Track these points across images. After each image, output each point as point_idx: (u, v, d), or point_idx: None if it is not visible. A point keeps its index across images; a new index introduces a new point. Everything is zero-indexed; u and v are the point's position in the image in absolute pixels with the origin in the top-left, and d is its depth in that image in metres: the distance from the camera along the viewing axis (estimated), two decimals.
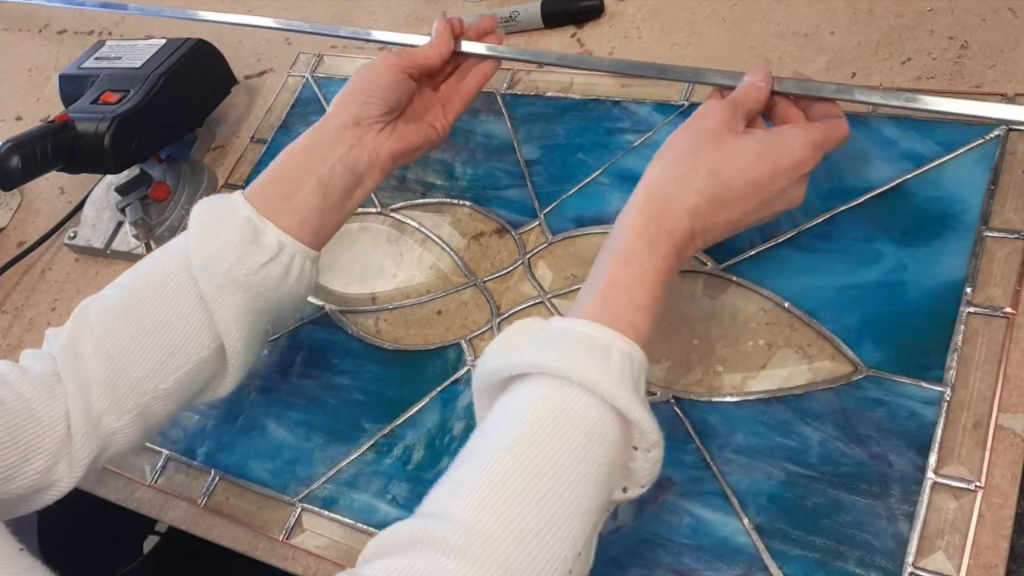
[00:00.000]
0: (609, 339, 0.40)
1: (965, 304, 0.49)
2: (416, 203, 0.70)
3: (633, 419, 0.39)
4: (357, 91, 0.57)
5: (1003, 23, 0.58)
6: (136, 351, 0.52)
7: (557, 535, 0.36)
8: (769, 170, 0.45)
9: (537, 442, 0.38)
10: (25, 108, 1.01)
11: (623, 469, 0.41)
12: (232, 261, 0.52)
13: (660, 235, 0.44)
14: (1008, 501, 0.44)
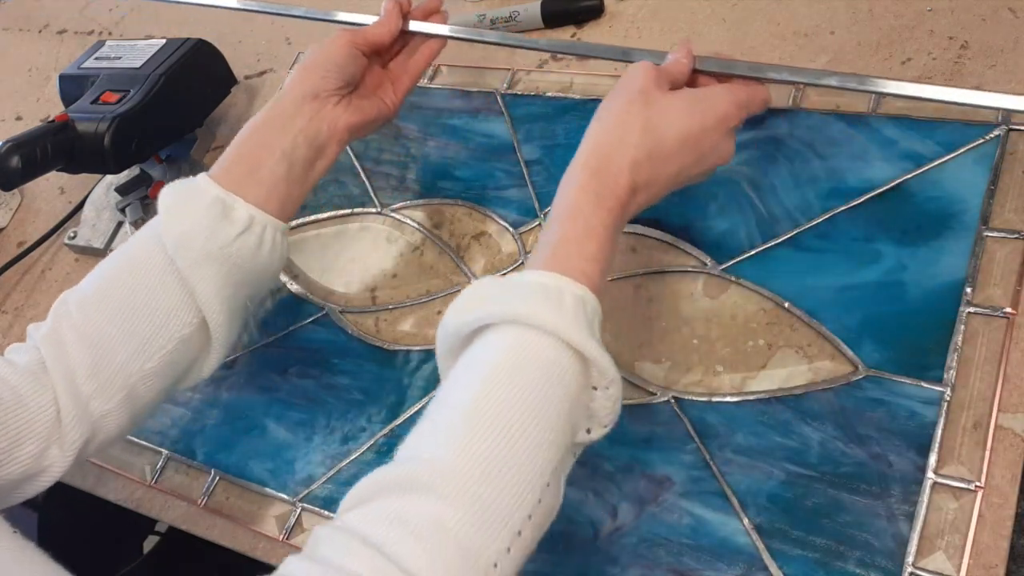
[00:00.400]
0: (561, 285, 0.42)
1: (965, 304, 0.49)
2: (416, 203, 0.70)
3: (589, 356, 0.41)
4: (313, 66, 0.58)
5: (1003, 23, 0.58)
6: (118, 334, 0.53)
7: (523, 467, 0.38)
8: (699, 124, 0.47)
9: (499, 383, 0.40)
10: (25, 108, 1.01)
11: (585, 410, 0.42)
12: (206, 236, 0.53)
13: (603, 190, 0.46)
14: (1008, 501, 0.44)
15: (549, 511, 0.40)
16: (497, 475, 0.38)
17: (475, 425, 0.39)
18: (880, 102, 0.57)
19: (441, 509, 0.37)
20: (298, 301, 0.70)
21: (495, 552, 0.37)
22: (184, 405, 0.69)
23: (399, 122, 0.74)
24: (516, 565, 0.38)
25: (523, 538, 0.38)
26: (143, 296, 0.53)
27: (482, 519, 0.37)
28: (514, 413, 0.39)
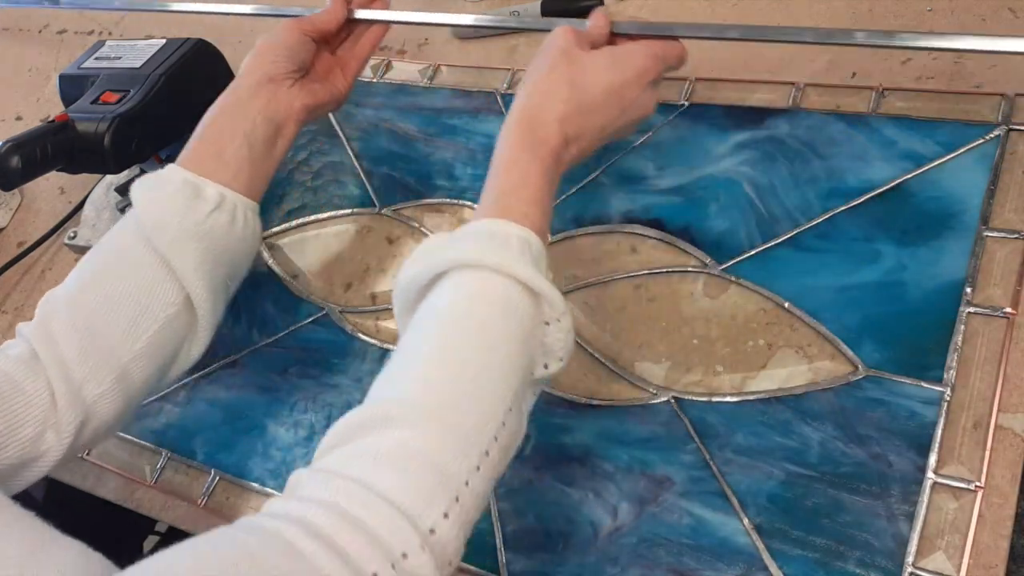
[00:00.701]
0: (506, 229, 0.45)
1: (965, 304, 0.49)
2: (416, 203, 0.70)
3: (537, 289, 0.43)
4: (266, 52, 0.61)
5: (1003, 23, 0.58)
6: (105, 318, 0.54)
7: (485, 392, 0.41)
8: (620, 78, 0.50)
9: (456, 321, 0.43)
10: (25, 108, 1.01)
11: (540, 345, 0.45)
12: (181, 215, 0.55)
13: (537, 143, 0.48)
14: (1008, 501, 0.44)
15: (513, 436, 0.43)
16: (461, 401, 0.40)
17: (437, 360, 0.42)
18: (880, 102, 0.57)
19: (411, 436, 0.39)
20: (298, 301, 0.70)
21: (466, 470, 0.39)
22: (184, 405, 0.69)
23: (399, 122, 0.74)
24: (486, 485, 0.41)
25: (491, 458, 0.41)
26: (126, 280, 0.55)
27: (451, 440, 0.39)
28: (473, 346, 0.42)
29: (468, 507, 0.39)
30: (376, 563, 0.36)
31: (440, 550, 0.38)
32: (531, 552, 0.52)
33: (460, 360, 0.42)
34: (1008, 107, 0.54)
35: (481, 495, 0.40)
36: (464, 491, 0.39)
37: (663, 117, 0.64)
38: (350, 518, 0.36)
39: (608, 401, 0.55)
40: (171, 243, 0.54)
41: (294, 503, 0.38)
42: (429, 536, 0.37)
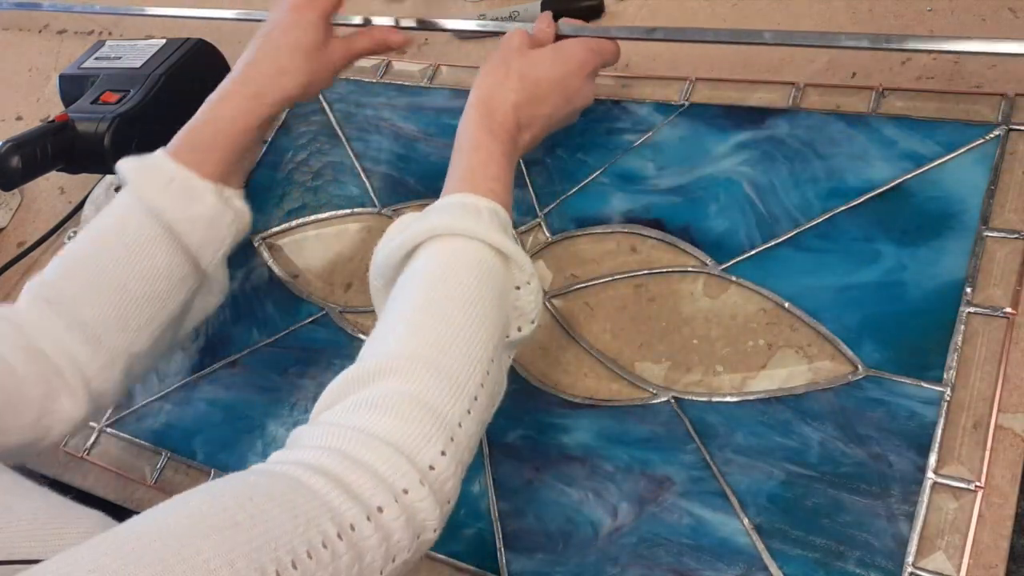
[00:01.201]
0: (476, 201, 0.49)
1: (965, 304, 0.49)
2: (416, 203, 0.70)
3: (508, 252, 0.47)
4: (289, 49, 0.62)
5: (1003, 23, 0.58)
6: (90, 268, 0.57)
7: (469, 343, 0.44)
8: (563, 70, 0.57)
9: (436, 282, 0.46)
10: (25, 108, 1.01)
11: (513, 309, 0.49)
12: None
13: (495, 127, 0.54)
14: (1008, 501, 0.44)
15: (497, 386, 0.46)
16: (448, 348, 0.43)
17: (421, 316, 0.45)
18: (880, 102, 0.57)
19: (404, 383, 0.42)
20: (298, 301, 0.70)
21: (458, 412, 0.42)
22: (184, 405, 0.69)
23: (399, 122, 0.74)
24: (476, 428, 0.44)
25: (479, 403, 0.44)
26: (111, 235, 0.58)
27: (443, 384, 0.42)
28: (454, 302, 0.45)
29: (462, 447, 0.42)
30: (380, 497, 0.38)
31: (439, 487, 0.40)
32: (531, 552, 0.52)
33: (443, 314, 0.45)
34: (1008, 107, 0.54)
35: (473, 437, 0.43)
36: (458, 432, 0.42)
37: (663, 117, 0.64)
38: (353, 458, 0.39)
39: (608, 401, 0.55)
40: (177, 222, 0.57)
41: (298, 451, 0.40)
42: (428, 472, 0.40)
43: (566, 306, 0.60)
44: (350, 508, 0.37)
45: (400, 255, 0.49)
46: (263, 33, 0.62)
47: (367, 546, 0.38)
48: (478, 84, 0.56)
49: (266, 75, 0.61)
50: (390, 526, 0.38)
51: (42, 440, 0.54)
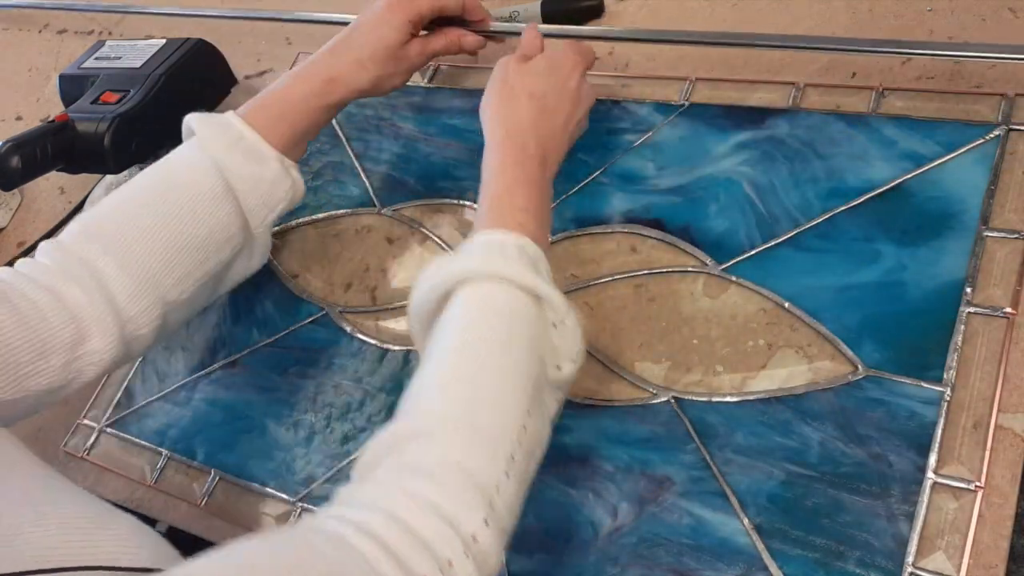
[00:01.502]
0: (502, 238, 0.48)
1: (965, 304, 0.49)
2: (416, 203, 0.70)
3: (540, 293, 0.46)
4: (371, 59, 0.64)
5: (1003, 23, 0.58)
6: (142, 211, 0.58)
7: (503, 397, 0.43)
8: (562, 75, 0.57)
9: (467, 333, 0.45)
10: (25, 108, 1.01)
11: (551, 347, 0.47)
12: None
13: (516, 152, 0.53)
14: (1008, 501, 0.44)
15: (536, 439, 0.44)
16: (480, 408, 0.42)
17: (453, 375, 0.44)
18: (880, 102, 0.57)
19: (443, 448, 0.41)
20: (298, 301, 0.70)
21: (495, 475, 0.41)
22: (184, 405, 0.69)
23: (399, 122, 0.74)
24: (516, 489, 0.42)
25: (517, 463, 0.42)
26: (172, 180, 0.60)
27: (477, 447, 0.41)
28: (484, 353, 0.44)
29: (503, 514, 0.41)
30: (426, 567, 0.38)
31: (483, 559, 0.39)
32: (531, 552, 0.52)
33: (473, 369, 0.44)
34: (1008, 107, 0.54)
35: (513, 499, 0.42)
36: (496, 497, 0.40)
37: (663, 117, 0.64)
38: (401, 523, 0.38)
39: (608, 401, 0.55)
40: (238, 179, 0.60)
41: (348, 508, 0.40)
42: (472, 544, 0.39)
43: None
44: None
45: (433, 300, 0.48)
46: (354, 24, 0.65)
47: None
48: (489, 117, 0.56)
49: (344, 65, 0.63)
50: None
51: (74, 382, 0.55)
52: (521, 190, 0.51)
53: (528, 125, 0.54)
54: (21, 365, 0.51)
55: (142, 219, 0.57)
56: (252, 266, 0.66)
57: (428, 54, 0.66)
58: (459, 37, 0.67)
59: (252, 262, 0.65)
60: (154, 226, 0.57)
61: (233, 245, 0.61)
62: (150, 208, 0.58)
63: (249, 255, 0.65)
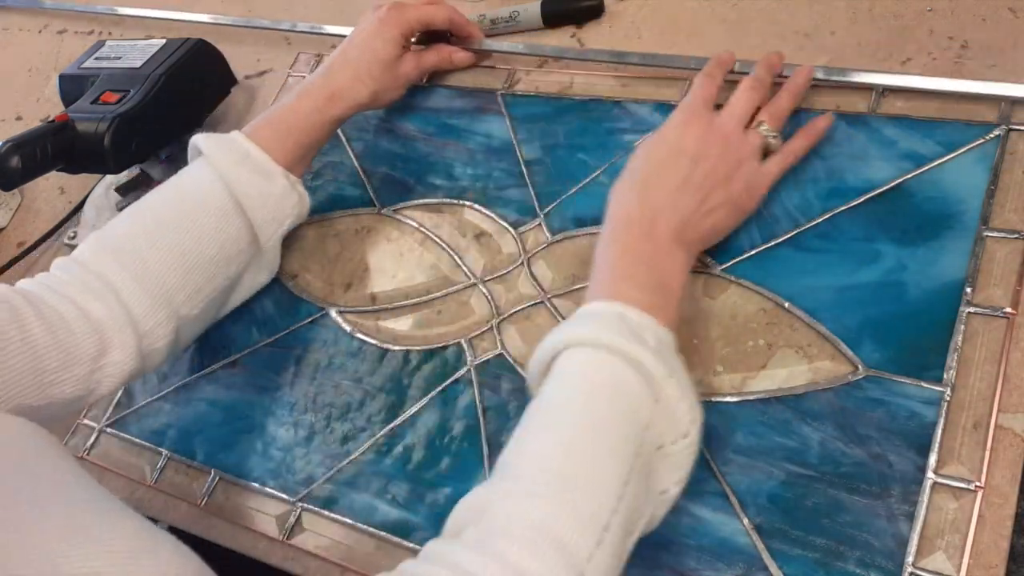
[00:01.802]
0: (600, 307, 0.47)
1: (965, 304, 0.49)
2: (416, 203, 0.70)
3: (631, 356, 0.44)
4: (368, 76, 0.67)
5: (1003, 23, 0.58)
6: (165, 246, 0.59)
7: (598, 467, 0.42)
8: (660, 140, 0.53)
9: (561, 399, 0.45)
10: (25, 108, 1.01)
11: (662, 422, 0.44)
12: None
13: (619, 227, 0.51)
14: (1008, 501, 0.44)
15: (635, 512, 0.43)
16: (576, 478, 0.41)
17: (548, 442, 0.43)
18: (880, 102, 0.57)
19: (536, 515, 0.40)
20: (298, 301, 0.70)
21: (588, 546, 0.40)
22: (184, 405, 0.69)
23: (399, 122, 0.74)
24: (610, 562, 0.41)
25: (611, 534, 0.41)
26: (183, 196, 0.62)
27: (571, 516, 0.40)
28: (579, 425, 0.43)
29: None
30: None
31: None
32: None
33: (568, 440, 0.43)
34: (1008, 107, 0.54)
35: (609, 570, 0.41)
36: (588, 568, 0.39)
37: (663, 117, 0.64)
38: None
39: None
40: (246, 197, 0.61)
41: (436, 568, 0.39)
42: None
43: (566, 306, 0.60)
44: None
45: (542, 366, 0.47)
46: (348, 39, 0.67)
47: None
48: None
49: (343, 80, 0.65)
50: None
51: (93, 393, 0.56)
52: (625, 260, 0.49)
53: (632, 197, 0.52)
54: (47, 372, 0.52)
55: (155, 236, 0.59)
56: (260, 281, 0.67)
57: (422, 68, 0.70)
58: (450, 54, 0.72)
59: (260, 277, 0.67)
60: (167, 243, 0.59)
61: (242, 261, 0.63)
62: (163, 225, 0.59)
63: (257, 270, 0.66)
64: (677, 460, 0.45)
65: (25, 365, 0.51)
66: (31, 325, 0.52)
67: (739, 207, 0.54)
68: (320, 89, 0.65)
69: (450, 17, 0.70)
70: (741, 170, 0.53)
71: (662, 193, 0.51)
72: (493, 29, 0.76)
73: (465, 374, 0.60)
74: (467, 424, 0.58)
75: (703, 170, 0.51)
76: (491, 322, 0.62)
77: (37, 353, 0.52)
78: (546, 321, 0.60)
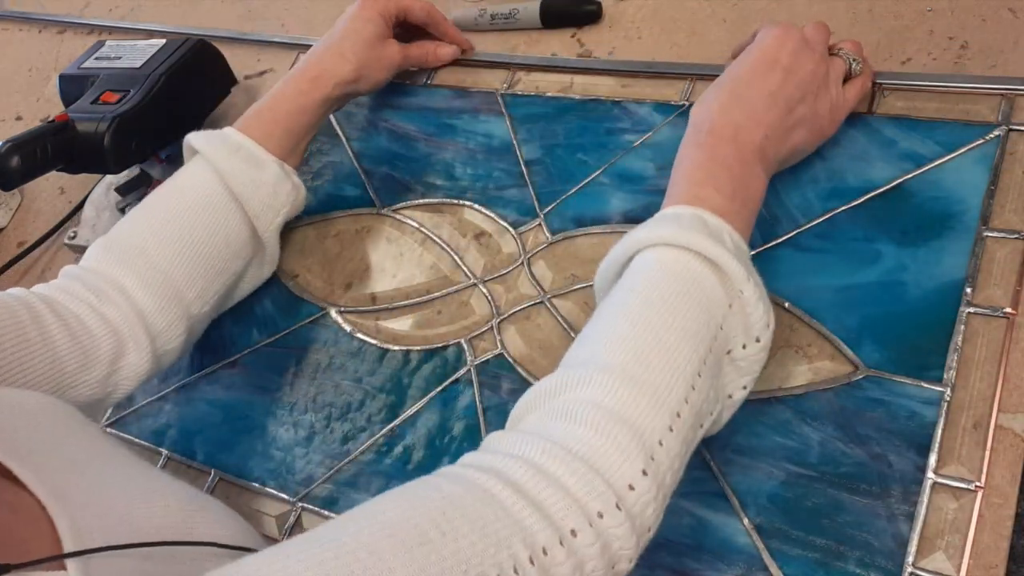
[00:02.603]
0: (676, 210, 0.46)
1: (965, 304, 0.49)
2: (416, 203, 0.70)
3: (710, 255, 0.43)
4: (359, 66, 0.68)
5: (1003, 23, 0.58)
6: (172, 247, 0.60)
7: (670, 355, 0.41)
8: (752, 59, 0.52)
9: (636, 291, 0.44)
10: (25, 108, 1.01)
11: (735, 322, 0.44)
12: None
13: (700, 137, 0.49)
14: (1008, 501, 0.44)
15: (704, 405, 0.42)
16: (647, 360, 0.40)
17: (621, 326, 0.42)
18: (880, 102, 0.57)
19: (601, 395, 0.39)
20: (298, 301, 0.70)
21: (659, 428, 0.39)
22: (184, 405, 0.69)
23: (399, 122, 0.74)
24: (680, 448, 0.40)
25: (682, 420, 0.40)
26: (183, 196, 0.62)
27: (641, 398, 0.39)
28: (655, 311, 0.42)
29: (664, 468, 0.39)
30: (572, 520, 0.36)
31: (638, 511, 0.38)
32: None
33: (643, 324, 0.42)
34: (1008, 107, 0.54)
35: (676, 458, 0.40)
36: (659, 450, 0.39)
37: (663, 117, 0.64)
38: (547, 474, 0.37)
39: None
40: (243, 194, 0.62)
41: (492, 456, 0.38)
42: (627, 494, 0.37)
43: (566, 306, 0.60)
44: (543, 530, 0.36)
45: (612, 272, 0.47)
46: (332, 28, 0.68)
47: (559, 574, 0.36)
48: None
49: (327, 59, 0.66)
50: (584, 552, 0.36)
51: (110, 396, 0.57)
52: (700, 169, 0.48)
53: (714, 110, 0.50)
54: (66, 375, 0.53)
55: (159, 235, 0.60)
56: (262, 275, 0.68)
57: (406, 55, 0.71)
58: (435, 47, 0.73)
59: (263, 271, 0.68)
60: (172, 241, 0.60)
61: (246, 255, 0.64)
62: (165, 225, 0.60)
63: (260, 264, 0.67)
64: (747, 365, 0.45)
65: (45, 366, 0.51)
66: (51, 326, 0.53)
67: (821, 128, 0.53)
68: (303, 73, 0.66)
69: (428, 11, 0.71)
70: (828, 89, 0.53)
71: (749, 104, 0.50)
72: (492, 25, 0.76)
73: (465, 374, 0.60)
74: (467, 424, 0.58)
75: (794, 83, 0.51)
76: (491, 322, 0.62)
77: (57, 354, 0.52)
78: (546, 321, 0.60)
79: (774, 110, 0.50)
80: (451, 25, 0.74)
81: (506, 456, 0.38)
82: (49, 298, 0.55)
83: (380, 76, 0.70)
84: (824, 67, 0.52)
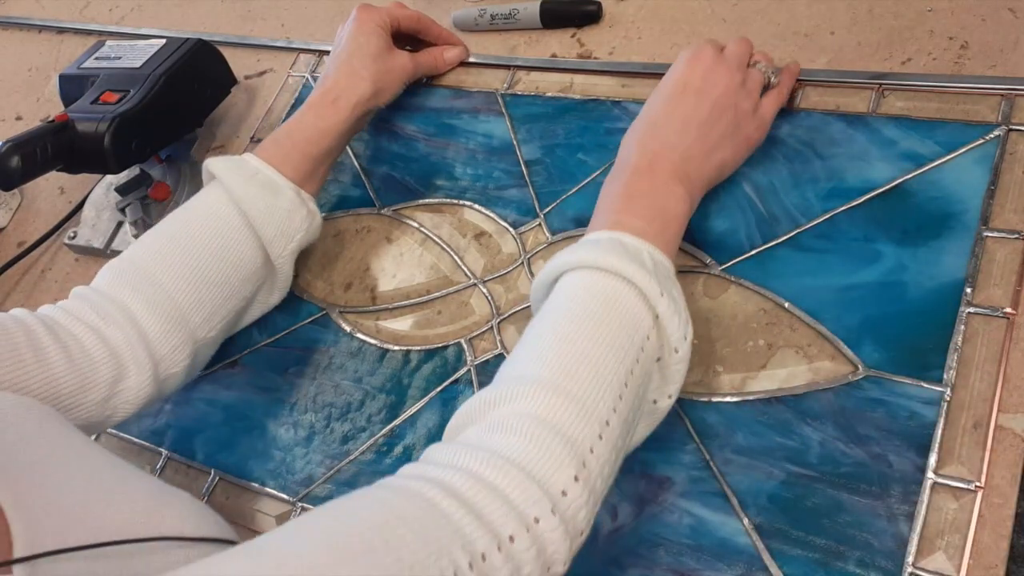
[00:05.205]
0: (597, 236, 0.49)
1: (965, 304, 0.49)
2: (416, 203, 0.70)
3: (626, 275, 0.45)
4: (372, 78, 0.67)
5: (1003, 23, 0.58)
6: (182, 275, 0.60)
7: (597, 367, 0.43)
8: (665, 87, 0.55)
9: (564, 309, 0.46)
10: (25, 108, 1.01)
11: (656, 336, 0.46)
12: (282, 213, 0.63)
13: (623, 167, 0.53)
14: (1008, 501, 0.44)
15: (632, 409, 0.44)
16: (576, 374, 0.42)
17: (550, 342, 0.44)
18: (880, 102, 0.57)
19: (534, 407, 0.41)
20: (298, 301, 0.70)
21: (590, 437, 0.41)
22: (184, 405, 0.69)
23: (399, 122, 0.74)
24: (610, 455, 0.42)
25: (612, 428, 0.42)
26: (198, 221, 0.62)
27: (572, 408, 0.41)
28: (582, 328, 0.44)
29: (595, 475, 0.41)
30: (511, 526, 0.38)
31: (571, 516, 0.39)
32: None
33: (570, 340, 0.44)
34: (1008, 107, 0.54)
35: (606, 464, 0.42)
36: (590, 457, 0.40)
37: None
38: (485, 482, 0.38)
39: None
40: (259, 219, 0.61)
41: (431, 467, 0.40)
42: (560, 499, 0.39)
43: None
44: (482, 536, 0.37)
45: (542, 293, 0.49)
46: (333, 50, 0.68)
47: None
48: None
49: (342, 80, 0.65)
50: (521, 557, 0.38)
51: (109, 419, 0.57)
52: (619, 198, 0.51)
53: (633, 143, 0.54)
54: (63, 397, 0.52)
55: (170, 260, 0.59)
56: (271, 302, 0.67)
57: (416, 62, 0.71)
58: (441, 52, 0.73)
59: (272, 297, 0.67)
60: (182, 266, 0.59)
61: (256, 281, 0.63)
62: (177, 249, 0.60)
63: (270, 290, 0.66)
64: (669, 374, 0.47)
65: (40, 387, 0.51)
66: (47, 348, 0.52)
67: (747, 139, 0.55)
68: (321, 98, 0.65)
69: (418, 17, 0.71)
70: (748, 102, 0.54)
71: (663, 134, 0.53)
72: (492, 25, 0.76)
73: (465, 374, 0.60)
74: None
75: (708, 104, 0.53)
76: (491, 322, 0.62)
77: (53, 376, 0.52)
78: None
79: (688, 135, 0.52)
80: (443, 28, 0.74)
81: (446, 467, 0.39)
82: (51, 319, 0.55)
83: (396, 87, 0.69)
84: (740, 79, 0.54)
